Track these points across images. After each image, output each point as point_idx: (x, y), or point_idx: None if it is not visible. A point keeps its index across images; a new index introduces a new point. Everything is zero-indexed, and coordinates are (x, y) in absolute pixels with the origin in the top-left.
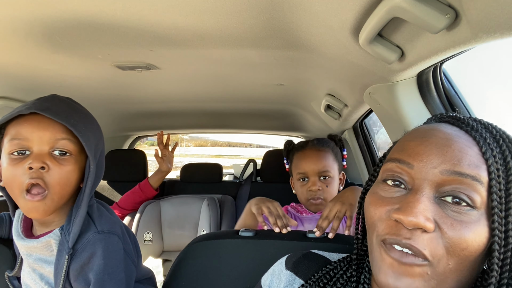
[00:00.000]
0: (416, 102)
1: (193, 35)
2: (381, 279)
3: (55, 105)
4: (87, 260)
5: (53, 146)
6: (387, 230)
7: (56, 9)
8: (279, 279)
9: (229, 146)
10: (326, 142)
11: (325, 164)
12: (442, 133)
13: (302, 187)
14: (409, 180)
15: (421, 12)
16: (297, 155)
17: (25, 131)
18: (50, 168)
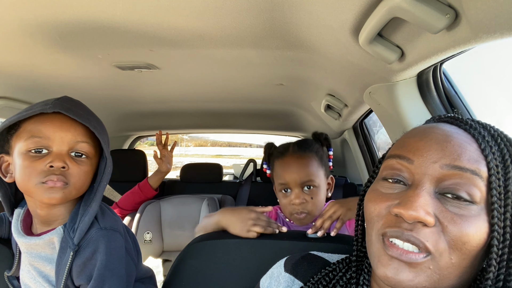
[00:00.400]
0: (416, 102)
1: (193, 35)
2: (380, 272)
3: (74, 106)
4: (90, 256)
5: (72, 148)
6: (387, 224)
7: (56, 10)
8: (278, 281)
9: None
10: (309, 145)
11: (308, 172)
12: (441, 130)
13: (285, 199)
14: (409, 176)
15: (421, 12)
16: (278, 162)
17: (47, 130)
18: (70, 168)
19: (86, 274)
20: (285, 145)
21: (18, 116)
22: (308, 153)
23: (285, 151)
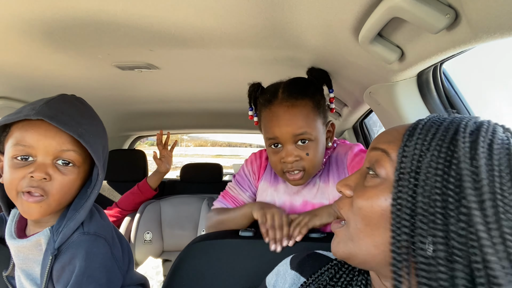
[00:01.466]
0: (416, 102)
1: (193, 35)
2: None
3: (63, 111)
4: (67, 261)
5: (57, 156)
6: None
7: (57, 9)
8: (284, 279)
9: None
10: (302, 89)
11: (302, 124)
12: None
13: (275, 156)
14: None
15: (421, 12)
16: (264, 112)
17: (31, 139)
18: (52, 178)
19: (64, 279)
20: (274, 89)
21: (6, 119)
22: (301, 100)
23: (273, 98)
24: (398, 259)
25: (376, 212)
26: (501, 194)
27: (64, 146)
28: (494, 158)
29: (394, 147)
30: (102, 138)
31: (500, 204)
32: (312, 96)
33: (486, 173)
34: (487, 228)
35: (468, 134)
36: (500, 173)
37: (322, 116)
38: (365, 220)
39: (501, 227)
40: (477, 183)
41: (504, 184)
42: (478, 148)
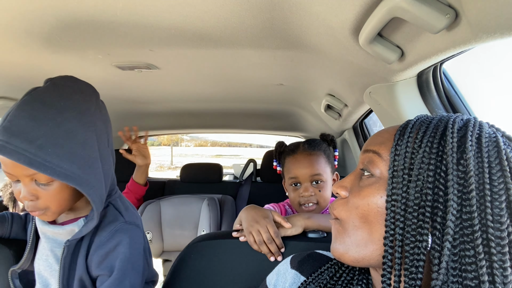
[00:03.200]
0: (416, 102)
1: (193, 35)
2: None
3: (14, 131)
4: (113, 248)
5: (32, 179)
6: None
7: (56, 9)
8: (284, 278)
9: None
10: (318, 144)
11: (317, 168)
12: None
13: (294, 192)
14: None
15: (421, 12)
16: (288, 159)
17: (4, 167)
18: (39, 197)
19: (108, 265)
20: (296, 144)
21: None
22: (317, 151)
23: (296, 149)
24: (390, 252)
25: (373, 210)
26: (490, 183)
27: (29, 171)
28: (483, 151)
29: (386, 148)
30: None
31: (487, 194)
32: (324, 150)
33: (475, 165)
34: (458, 217)
35: (456, 130)
36: (489, 164)
37: (331, 166)
38: (362, 218)
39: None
40: (465, 175)
41: (494, 174)
42: (467, 141)
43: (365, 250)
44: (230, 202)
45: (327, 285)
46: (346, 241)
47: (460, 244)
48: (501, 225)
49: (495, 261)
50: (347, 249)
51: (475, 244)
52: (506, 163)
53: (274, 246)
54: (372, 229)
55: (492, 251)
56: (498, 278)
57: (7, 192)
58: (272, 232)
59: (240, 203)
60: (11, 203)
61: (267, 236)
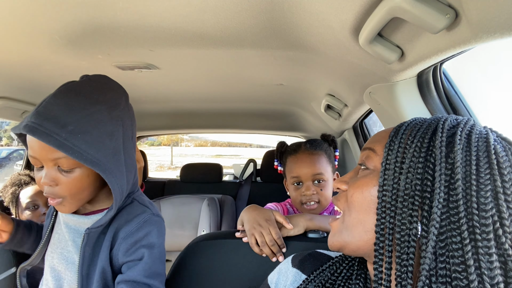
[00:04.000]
0: (416, 102)
1: (193, 35)
2: None
3: (49, 115)
4: (142, 236)
5: (56, 164)
6: None
7: (56, 9)
8: (286, 276)
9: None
10: (319, 144)
11: (319, 167)
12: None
13: (296, 191)
14: None
15: (421, 12)
16: (290, 158)
17: (32, 150)
18: (59, 183)
19: (137, 252)
20: (298, 143)
21: (15, 128)
22: (319, 151)
23: (298, 148)
24: (381, 239)
25: (366, 198)
26: (477, 174)
27: (55, 155)
28: (472, 145)
29: (381, 145)
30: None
31: (473, 184)
32: (326, 150)
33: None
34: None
35: (447, 126)
36: (477, 157)
37: (331, 165)
38: (357, 207)
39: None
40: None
41: (481, 166)
42: (456, 136)
43: (359, 240)
44: (230, 202)
45: (327, 282)
46: (343, 233)
47: (447, 231)
48: (485, 212)
49: (480, 247)
50: (343, 240)
51: (460, 230)
52: (494, 157)
53: (276, 247)
54: (365, 218)
55: (477, 237)
56: (483, 264)
57: (8, 193)
58: (274, 234)
59: (240, 203)
60: (12, 204)
61: (269, 239)
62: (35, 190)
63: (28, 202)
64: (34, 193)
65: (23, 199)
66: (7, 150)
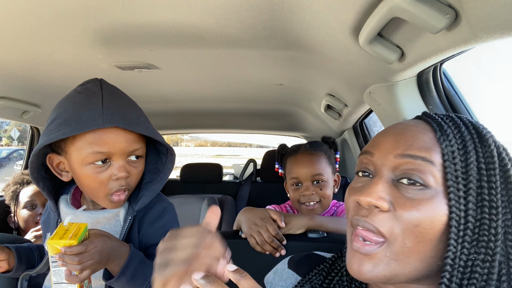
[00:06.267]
0: (416, 102)
1: (193, 35)
2: (348, 266)
3: (120, 109)
4: (165, 223)
5: (130, 155)
6: (352, 213)
7: (56, 9)
8: (281, 276)
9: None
10: (319, 145)
11: (318, 168)
12: (400, 124)
13: (295, 192)
14: (372, 168)
15: (421, 12)
16: (290, 159)
17: (106, 145)
18: (130, 175)
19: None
20: (298, 145)
21: (71, 129)
22: (318, 152)
23: (298, 149)
24: (452, 274)
25: (436, 227)
26: None
27: (134, 146)
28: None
29: (434, 153)
30: (144, 114)
31: None
32: (326, 151)
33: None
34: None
35: (492, 135)
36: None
37: (332, 167)
38: (419, 237)
39: None
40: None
41: None
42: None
43: (413, 271)
44: (230, 202)
45: (321, 286)
46: (391, 264)
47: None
48: None
49: None
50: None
51: None
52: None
53: (276, 242)
54: (427, 248)
55: None
56: None
57: (10, 191)
58: (271, 230)
59: (240, 203)
60: (13, 202)
61: (267, 236)
62: (34, 190)
63: (27, 202)
64: (33, 193)
65: (22, 197)
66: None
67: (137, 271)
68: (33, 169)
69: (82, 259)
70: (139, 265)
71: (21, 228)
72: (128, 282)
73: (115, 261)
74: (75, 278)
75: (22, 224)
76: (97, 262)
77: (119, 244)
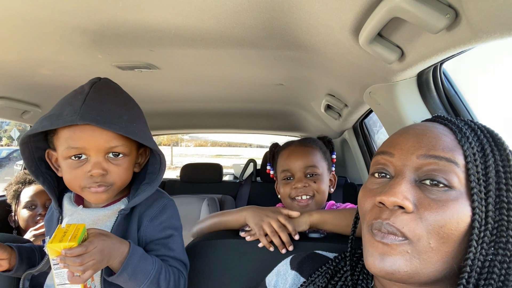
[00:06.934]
0: (416, 102)
1: (193, 35)
2: (368, 263)
3: (103, 107)
4: (166, 219)
5: (108, 152)
6: (373, 216)
7: (56, 10)
8: (284, 279)
9: (229, 146)
10: (313, 140)
11: (312, 159)
12: (420, 125)
13: (286, 186)
14: (392, 169)
15: (421, 12)
16: (282, 153)
17: (81, 141)
18: (109, 171)
19: (166, 231)
20: (291, 140)
21: (48, 124)
22: (313, 145)
23: (291, 144)
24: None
25: (461, 228)
26: None
27: (112, 143)
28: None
29: (459, 154)
30: (140, 115)
31: None
32: (320, 147)
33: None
34: None
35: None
36: None
37: (327, 163)
38: (444, 237)
39: None
40: None
41: None
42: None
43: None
44: (230, 202)
45: (327, 287)
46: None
47: None
48: None
49: None
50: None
51: None
52: None
53: (286, 235)
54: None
55: None
56: None
57: (12, 190)
58: (282, 219)
59: (240, 203)
60: (14, 201)
61: (278, 225)
62: (35, 190)
63: (27, 201)
64: (34, 193)
65: (23, 197)
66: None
67: (137, 267)
68: (29, 162)
69: (83, 260)
70: (140, 261)
71: (21, 228)
72: (130, 278)
73: (116, 259)
74: (78, 279)
75: (22, 223)
76: (99, 261)
77: (119, 242)
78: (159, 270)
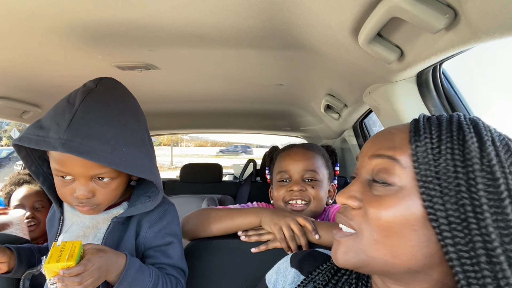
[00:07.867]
0: (415, 102)
1: (193, 35)
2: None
3: (88, 132)
4: (166, 225)
5: (93, 176)
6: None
7: (56, 9)
8: (284, 276)
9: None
10: (316, 145)
11: (312, 163)
12: (385, 129)
13: (281, 189)
14: (358, 171)
15: (421, 12)
16: (280, 156)
17: (64, 167)
18: (96, 194)
19: (166, 238)
20: (292, 144)
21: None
22: (315, 149)
23: (292, 146)
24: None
25: (399, 222)
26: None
27: (96, 171)
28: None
29: (402, 152)
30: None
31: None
32: (323, 154)
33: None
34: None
35: (474, 134)
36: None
37: (328, 172)
38: (384, 230)
39: None
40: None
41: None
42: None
43: (384, 264)
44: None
45: (327, 285)
46: (359, 253)
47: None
48: None
49: None
50: (361, 261)
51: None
52: None
53: (305, 239)
54: (394, 242)
55: None
56: None
57: (5, 191)
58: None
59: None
60: (7, 202)
61: (299, 228)
62: (25, 193)
63: (16, 205)
64: (23, 196)
65: (12, 200)
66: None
67: (135, 280)
68: (28, 162)
69: (82, 279)
70: (137, 273)
71: None
72: None
73: (113, 273)
74: None
75: None
76: (97, 278)
77: (116, 256)
78: (156, 281)
